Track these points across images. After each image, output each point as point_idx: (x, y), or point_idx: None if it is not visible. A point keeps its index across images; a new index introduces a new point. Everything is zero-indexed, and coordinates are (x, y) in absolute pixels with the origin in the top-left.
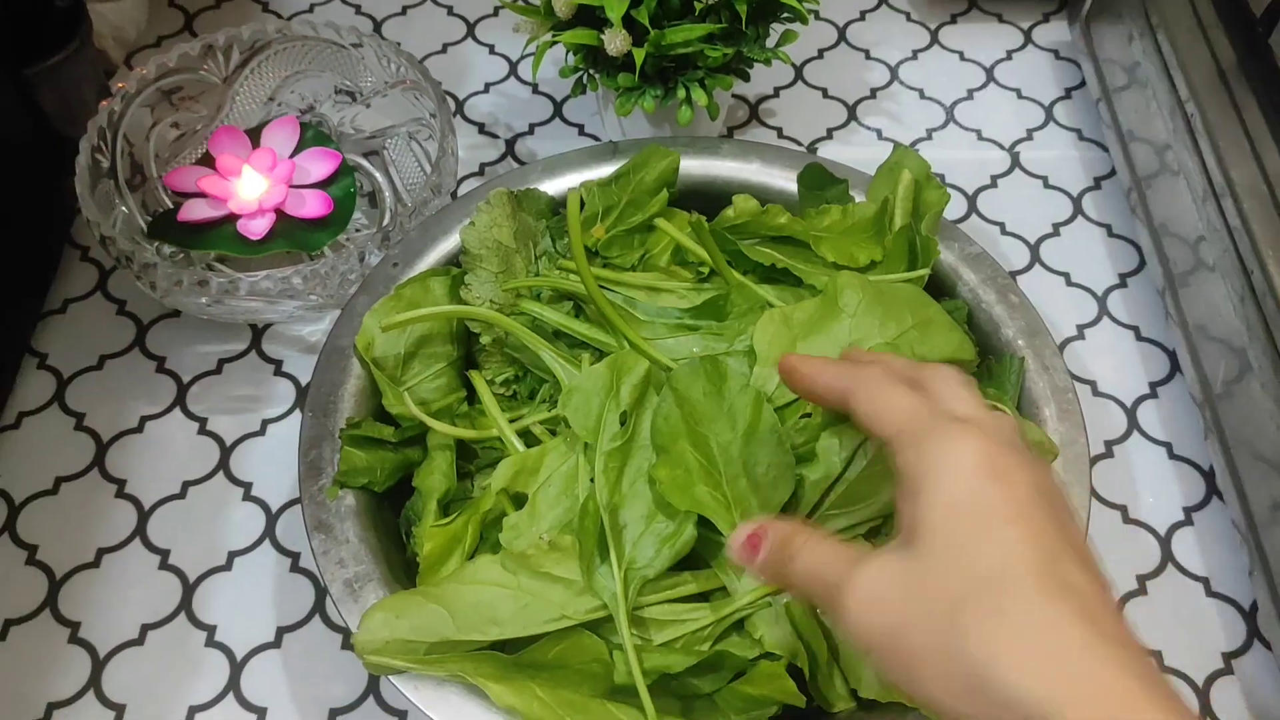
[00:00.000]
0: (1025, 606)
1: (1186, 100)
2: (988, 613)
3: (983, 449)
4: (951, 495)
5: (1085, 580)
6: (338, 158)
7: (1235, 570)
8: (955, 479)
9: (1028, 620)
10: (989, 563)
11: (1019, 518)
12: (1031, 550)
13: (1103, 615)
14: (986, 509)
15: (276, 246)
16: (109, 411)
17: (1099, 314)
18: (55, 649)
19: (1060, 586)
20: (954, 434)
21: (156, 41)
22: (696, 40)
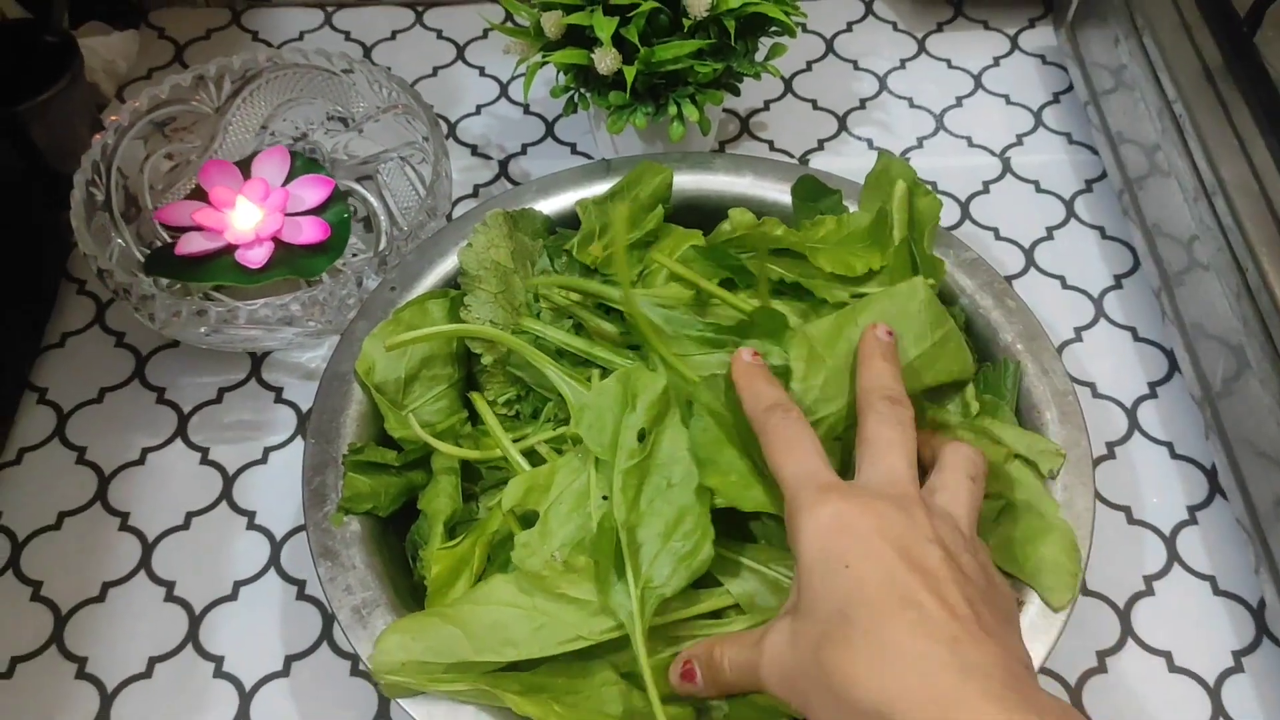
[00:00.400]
0: (864, 631)
1: (1174, 101)
2: (836, 645)
3: (832, 514)
4: (808, 558)
5: (924, 594)
6: (330, 184)
7: (1241, 568)
8: (812, 541)
9: (867, 642)
10: (835, 603)
11: (858, 559)
12: (868, 583)
13: (937, 622)
14: (832, 559)
15: (276, 274)
16: (110, 444)
17: (1096, 316)
18: (63, 685)
19: (897, 606)
20: (812, 504)
21: (148, 74)
22: (686, 57)
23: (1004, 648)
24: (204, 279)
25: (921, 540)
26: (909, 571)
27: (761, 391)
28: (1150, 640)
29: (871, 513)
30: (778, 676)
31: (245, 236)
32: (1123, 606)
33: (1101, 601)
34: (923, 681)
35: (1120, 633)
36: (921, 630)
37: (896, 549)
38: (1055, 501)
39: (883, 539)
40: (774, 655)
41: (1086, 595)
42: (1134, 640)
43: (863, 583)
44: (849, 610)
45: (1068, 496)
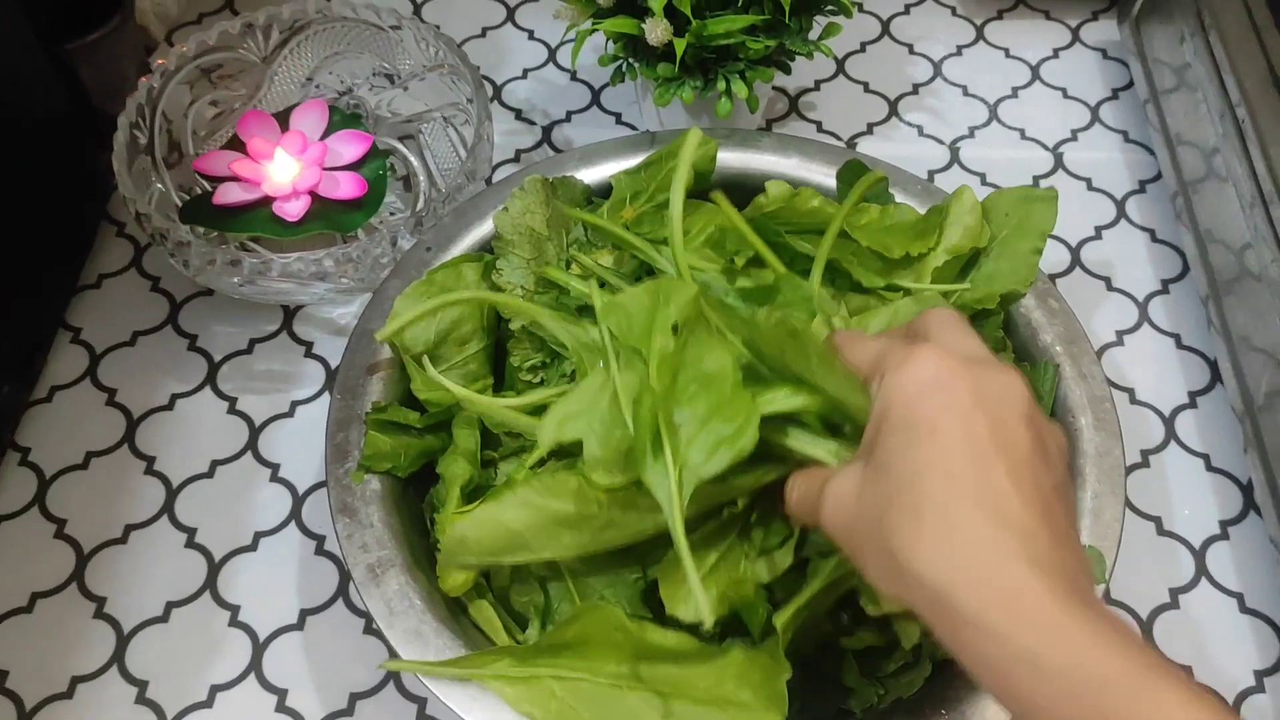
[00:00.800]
0: (935, 505)
1: (1237, 104)
2: (904, 511)
3: (932, 366)
4: (896, 413)
5: (1004, 480)
6: (368, 139)
7: (1270, 587)
8: (903, 397)
9: (935, 517)
10: (915, 468)
11: (948, 428)
12: (952, 457)
13: (1011, 510)
14: (921, 421)
15: (313, 228)
16: (140, 388)
17: (1139, 320)
18: (81, 623)
19: (973, 487)
20: (908, 358)
21: (198, 19)
22: (738, 31)
23: (1074, 552)
24: (240, 229)
25: (1016, 418)
26: (996, 453)
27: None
28: (1172, 654)
29: (971, 378)
30: (837, 522)
31: (282, 189)
32: (1146, 618)
33: (1125, 612)
34: (989, 568)
35: None
36: (997, 517)
37: (991, 424)
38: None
39: (979, 410)
40: (837, 501)
41: (1110, 604)
42: None
43: (948, 454)
44: (926, 480)
45: (1097, 505)
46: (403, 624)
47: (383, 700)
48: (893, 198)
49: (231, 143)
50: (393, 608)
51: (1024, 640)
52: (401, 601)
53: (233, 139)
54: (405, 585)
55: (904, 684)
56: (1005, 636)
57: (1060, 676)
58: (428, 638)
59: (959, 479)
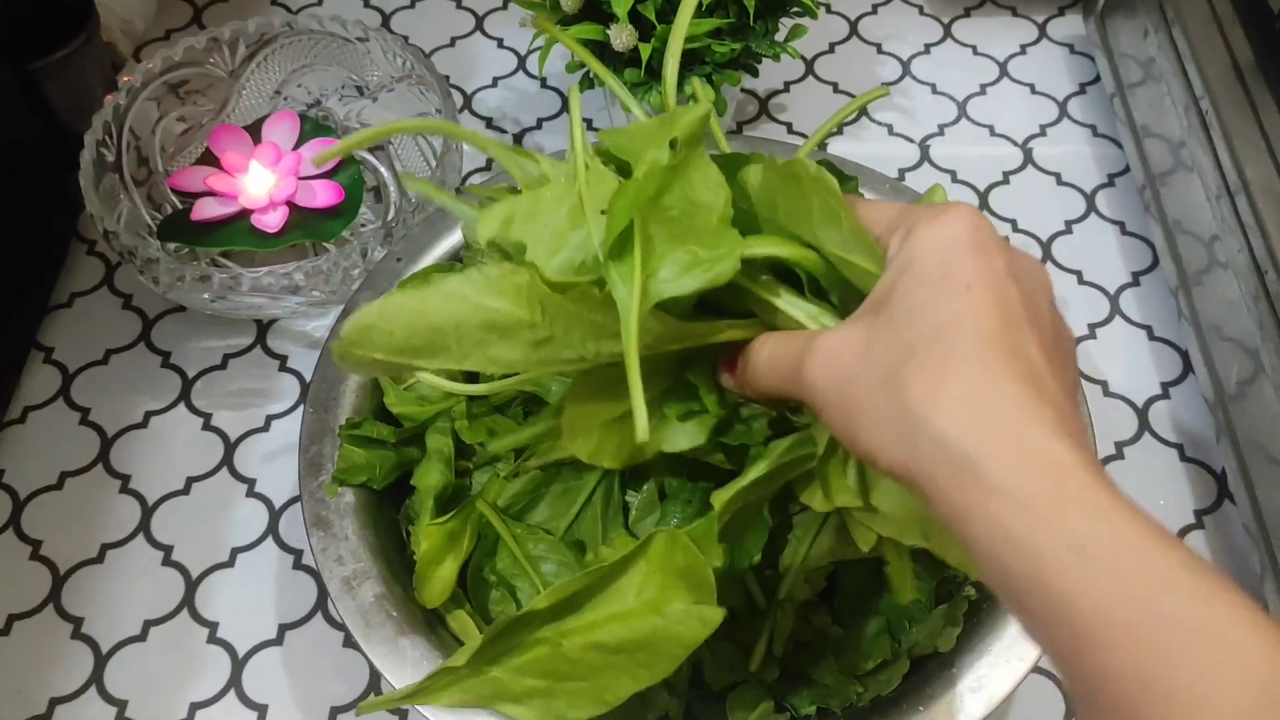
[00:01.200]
0: (966, 360)
1: (1202, 97)
2: (929, 363)
3: (971, 226)
4: (926, 266)
5: (1036, 351)
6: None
7: (1247, 576)
8: (935, 250)
9: (966, 372)
10: (942, 320)
11: (984, 286)
12: (987, 315)
13: (1045, 382)
14: (955, 275)
15: (293, 238)
16: (114, 406)
17: (1111, 313)
18: (58, 644)
19: (1007, 350)
20: (946, 214)
21: (166, 35)
22: (703, 35)
23: (1075, 409)
24: (220, 243)
25: (1045, 299)
26: (1028, 322)
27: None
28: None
29: (1006, 249)
30: (827, 380)
31: (259, 201)
32: None
33: None
34: (1026, 435)
35: None
36: (1033, 385)
37: (1023, 296)
38: None
39: (1012, 280)
40: (831, 354)
41: None
42: None
43: (982, 312)
44: (956, 333)
45: None
46: (379, 636)
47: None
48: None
49: (204, 158)
50: (369, 620)
51: (1069, 521)
52: (378, 614)
53: (205, 154)
54: (381, 597)
55: (882, 681)
56: (1046, 512)
57: (1113, 570)
58: (404, 649)
59: (995, 340)
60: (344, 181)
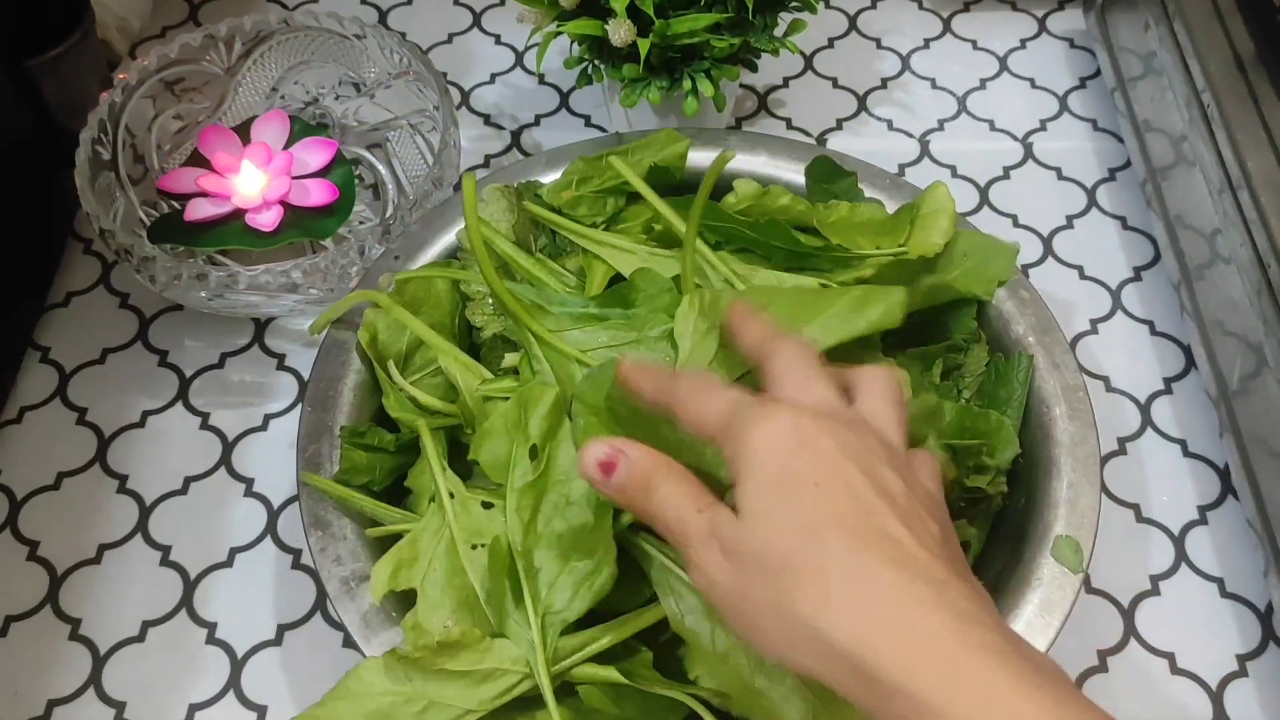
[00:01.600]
0: (838, 560)
1: (1203, 90)
2: (806, 571)
3: (789, 423)
4: (764, 472)
5: (895, 524)
6: (333, 145)
7: (1250, 571)
8: (766, 456)
9: (841, 573)
10: (802, 524)
11: (826, 479)
12: (840, 507)
13: (913, 556)
14: (794, 477)
15: (288, 237)
16: (111, 406)
17: (1113, 308)
18: (56, 646)
19: (872, 537)
20: (763, 416)
21: (161, 32)
22: (702, 30)
23: (976, 588)
24: (215, 244)
25: (882, 465)
26: (878, 497)
27: (653, 376)
28: (1153, 641)
29: (829, 430)
30: (721, 576)
31: (252, 201)
32: (1127, 605)
33: (1105, 600)
34: (911, 627)
35: (1123, 632)
36: (906, 567)
37: (862, 471)
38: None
39: (848, 459)
40: (712, 575)
41: (1090, 593)
42: (1137, 640)
43: (835, 504)
44: (822, 534)
45: (1073, 494)
46: (379, 637)
47: None
48: (862, 193)
49: (193, 159)
50: (368, 621)
51: (959, 709)
52: (377, 614)
53: (193, 155)
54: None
55: None
56: (936, 706)
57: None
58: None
59: (857, 531)
60: (337, 180)
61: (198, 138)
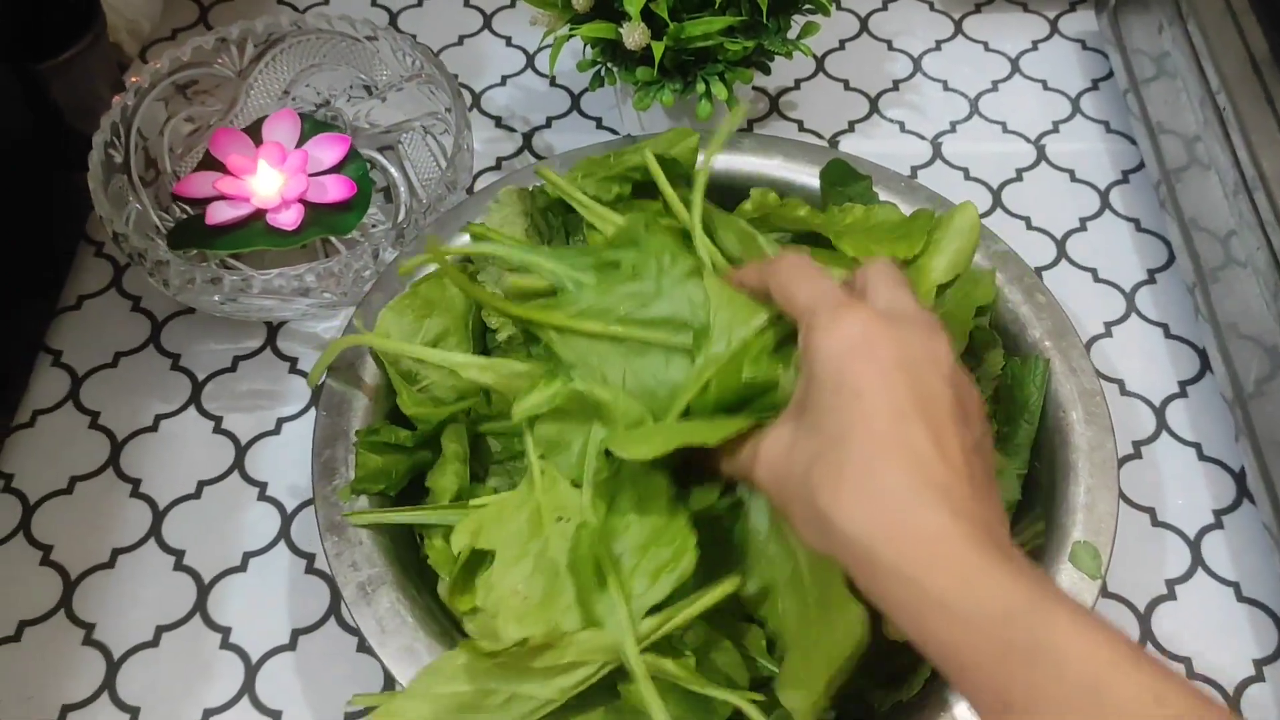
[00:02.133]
0: (859, 462)
1: (1217, 91)
2: (829, 468)
3: (859, 330)
4: (824, 373)
5: (922, 439)
6: (346, 140)
7: (1267, 575)
8: (830, 358)
9: (857, 474)
10: (839, 426)
11: (871, 390)
12: (876, 417)
13: (931, 466)
14: (847, 383)
15: (311, 234)
16: (124, 410)
17: (1127, 311)
18: (69, 650)
19: (894, 445)
20: (838, 317)
21: (172, 34)
22: (716, 33)
23: (991, 503)
24: (239, 245)
25: (939, 379)
26: (917, 413)
27: (753, 269)
28: (1170, 646)
29: (896, 340)
30: (769, 479)
31: (271, 201)
32: (1143, 610)
33: (1122, 604)
34: (907, 519)
35: (1139, 636)
36: (917, 473)
37: (912, 386)
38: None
39: (901, 372)
40: (769, 455)
41: (1106, 597)
42: (1153, 645)
43: (872, 415)
44: (850, 439)
45: (1090, 499)
46: (395, 642)
47: None
48: (876, 197)
49: (205, 162)
50: (384, 626)
51: (937, 584)
52: (393, 619)
53: (205, 158)
54: (396, 602)
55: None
56: (920, 581)
57: (970, 616)
58: (420, 655)
59: (881, 438)
60: (352, 175)
61: (209, 141)
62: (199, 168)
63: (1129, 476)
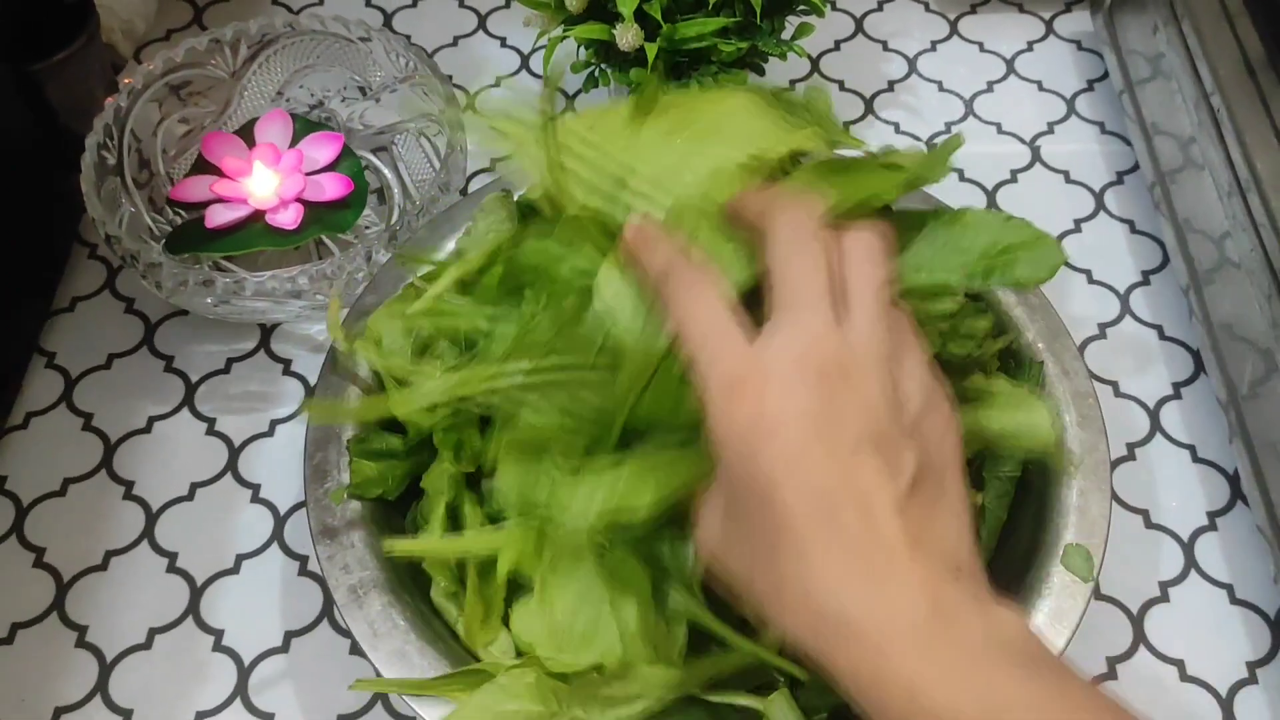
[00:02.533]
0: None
1: (1212, 93)
2: (768, 586)
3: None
4: (733, 463)
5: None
6: (339, 138)
7: (1260, 577)
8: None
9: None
10: (764, 536)
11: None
12: (794, 515)
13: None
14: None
15: (312, 232)
16: (117, 411)
17: (1121, 312)
18: (62, 653)
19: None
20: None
21: (166, 35)
22: (710, 35)
23: (942, 528)
24: (240, 247)
25: (853, 434)
26: (841, 483)
27: (654, 255)
28: (1163, 648)
29: (795, 403)
30: (712, 564)
31: (269, 201)
32: (1136, 612)
33: (1114, 606)
34: (852, 634)
35: (1132, 639)
36: (853, 566)
37: (828, 455)
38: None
39: (813, 439)
40: (708, 541)
41: (1099, 599)
42: (1146, 647)
43: (791, 517)
44: (778, 551)
45: (1083, 502)
46: (387, 645)
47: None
48: None
49: (198, 167)
50: (376, 629)
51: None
52: (385, 622)
53: (198, 162)
54: (388, 606)
55: None
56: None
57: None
58: (412, 658)
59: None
60: (347, 172)
61: (202, 144)
62: (192, 171)
63: (1123, 478)
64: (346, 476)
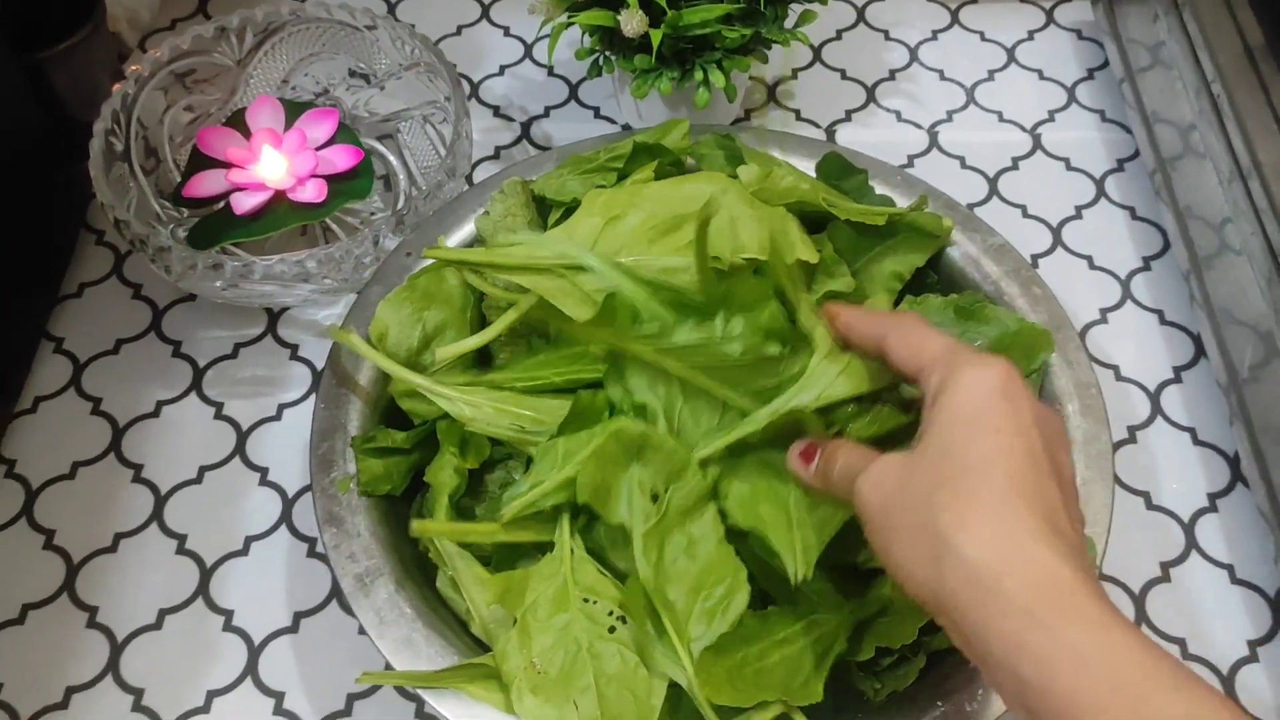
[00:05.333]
0: (991, 495)
1: (1213, 80)
2: (958, 493)
3: (1005, 377)
4: (963, 407)
5: (1055, 493)
6: (333, 112)
7: (1260, 557)
8: (971, 395)
9: (993, 505)
10: (975, 456)
11: (1013, 431)
12: (1014, 456)
13: (1059, 518)
14: (987, 419)
15: (339, 202)
16: (125, 396)
17: (1122, 297)
18: (73, 633)
19: (1030, 488)
20: (984, 362)
21: (171, 24)
22: (714, 21)
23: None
24: (272, 228)
25: (1063, 450)
26: (1050, 469)
27: (865, 315)
28: (1165, 627)
29: (1031, 400)
30: (876, 494)
31: (285, 182)
32: (1138, 592)
33: (1117, 587)
34: (1040, 561)
35: (1135, 618)
36: (1050, 522)
37: (1045, 444)
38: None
39: (1036, 429)
40: (879, 476)
41: (1102, 580)
42: (1148, 626)
43: (1009, 454)
44: (986, 470)
45: (1086, 491)
46: (393, 633)
47: (380, 700)
48: (873, 190)
49: (195, 162)
50: (383, 617)
51: (1070, 633)
52: (391, 610)
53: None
54: (394, 594)
55: (899, 676)
56: (1055, 628)
57: (1106, 673)
58: (418, 646)
59: (1018, 477)
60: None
61: (197, 140)
62: (190, 167)
63: (1124, 461)
64: (352, 466)
